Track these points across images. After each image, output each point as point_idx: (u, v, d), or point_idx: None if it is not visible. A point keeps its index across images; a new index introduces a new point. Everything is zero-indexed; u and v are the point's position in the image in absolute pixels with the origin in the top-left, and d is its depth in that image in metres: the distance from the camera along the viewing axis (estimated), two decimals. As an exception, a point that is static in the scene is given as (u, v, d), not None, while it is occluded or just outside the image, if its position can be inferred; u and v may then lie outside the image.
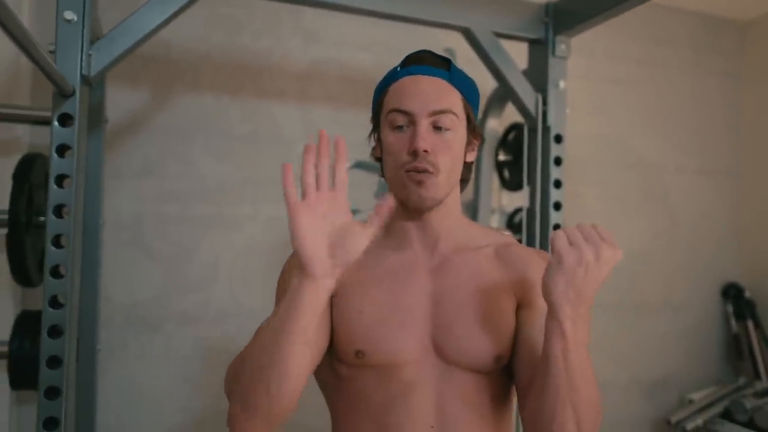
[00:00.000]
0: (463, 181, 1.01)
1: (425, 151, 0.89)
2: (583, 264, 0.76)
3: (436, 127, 0.91)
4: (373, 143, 1.02)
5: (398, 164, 0.92)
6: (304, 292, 0.74)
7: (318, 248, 0.74)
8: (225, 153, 2.21)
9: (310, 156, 0.77)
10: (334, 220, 0.76)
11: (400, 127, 0.92)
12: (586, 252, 0.76)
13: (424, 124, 0.90)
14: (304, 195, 0.75)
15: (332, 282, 0.76)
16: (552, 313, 0.79)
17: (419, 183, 0.90)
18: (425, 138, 0.89)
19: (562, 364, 0.78)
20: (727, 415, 2.61)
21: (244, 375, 0.80)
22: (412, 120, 0.91)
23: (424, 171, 0.90)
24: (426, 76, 0.93)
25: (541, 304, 0.91)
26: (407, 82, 0.94)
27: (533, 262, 0.97)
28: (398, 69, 0.97)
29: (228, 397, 0.85)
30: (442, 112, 0.91)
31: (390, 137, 0.94)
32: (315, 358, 0.89)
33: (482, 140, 1.02)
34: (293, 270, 0.77)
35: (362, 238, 0.76)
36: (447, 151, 0.92)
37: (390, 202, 0.77)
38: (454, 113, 0.92)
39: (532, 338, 0.90)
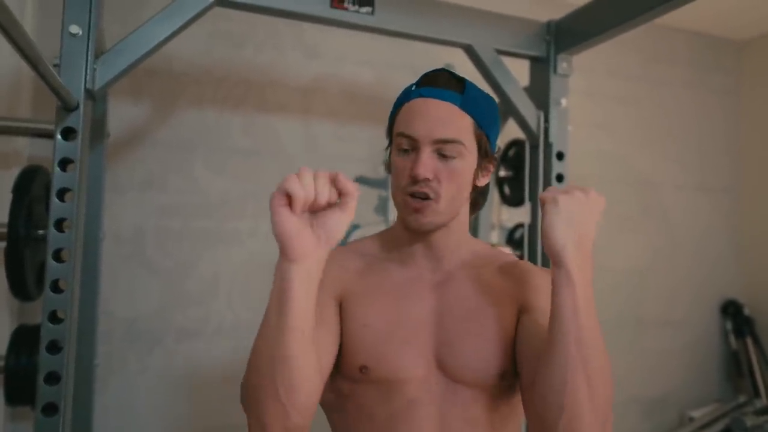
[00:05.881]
0: (476, 205, 1.01)
1: (426, 178, 0.88)
2: (576, 201, 0.79)
3: (441, 155, 0.90)
4: (387, 158, 1.02)
5: (400, 186, 0.92)
6: (289, 276, 0.72)
7: (297, 229, 0.72)
8: (226, 167, 2.20)
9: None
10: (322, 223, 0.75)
11: (405, 150, 0.92)
12: (575, 192, 0.80)
13: (426, 151, 0.89)
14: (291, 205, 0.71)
15: (318, 266, 0.74)
16: (558, 262, 0.78)
17: (417, 210, 0.91)
18: (426, 165, 0.89)
19: (572, 318, 0.76)
20: (727, 434, 2.59)
21: (251, 377, 0.78)
22: (415, 145, 0.90)
23: (424, 197, 0.90)
24: (436, 100, 0.91)
25: (543, 306, 0.90)
26: (417, 104, 0.92)
27: (535, 273, 0.98)
28: (413, 88, 0.96)
29: (245, 411, 0.82)
30: (445, 141, 0.90)
31: (396, 159, 0.94)
32: (324, 367, 0.86)
33: (498, 163, 1.01)
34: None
35: (344, 218, 0.75)
36: (450, 178, 0.90)
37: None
38: (459, 142, 0.90)
39: (535, 335, 0.88)
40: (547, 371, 0.78)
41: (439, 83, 0.94)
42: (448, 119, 0.91)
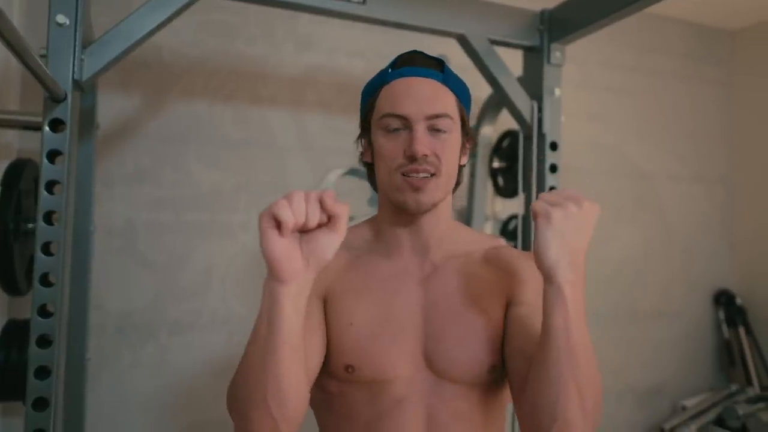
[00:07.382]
0: (456, 185, 0.99)
1: (425, 155, 0.87)
2: (570, 216, 0.75)
3: (433, 130, 0.89)
4: (360, 148, 1.00)
5: (392, 168, 0.90)
6: (278, 296, 0.71)
7: (287, 252, 0.71)
8: (218, 159, 2.19)
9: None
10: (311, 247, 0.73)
11: (395, 131, 0.90)
12: (569, 205, 0.76)
13: (420, 128, 0.88)
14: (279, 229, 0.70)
15: (307, 285, 0.74)
16: (550, 279, 0.76)
17: (417, 188, 0.88)
18: (423, 141, 0.87)
19: (564, 336, 0.75)
20: (719, 422, 2.61)
21: (240, 390, 0.78)
22: (407, 124, 0.89)
23: (425, 173, 0.88)
24: (420, 78, 0.91)
25: (531, 300, 0.90)
26: (401, 84, 0.91)
27: (521, 261, 0.96)
28: (389, 70, 0.94)
29: (232, 418, 0.82)
30: (437, 116, 0.89)
31: (383, 141, 0.91)
32: (311, 370, 0.86)
33: (474, 144, 1.00)
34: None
35: (334, 239, 0.73)
36: (445, 152, 0.90)
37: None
38: (449, 116, 0.90)
39: (524, 332, 0.87)
40: (540, 384, 0.78)
41: (418, 63, 0.93)
42: (435, 95, 0.90)
